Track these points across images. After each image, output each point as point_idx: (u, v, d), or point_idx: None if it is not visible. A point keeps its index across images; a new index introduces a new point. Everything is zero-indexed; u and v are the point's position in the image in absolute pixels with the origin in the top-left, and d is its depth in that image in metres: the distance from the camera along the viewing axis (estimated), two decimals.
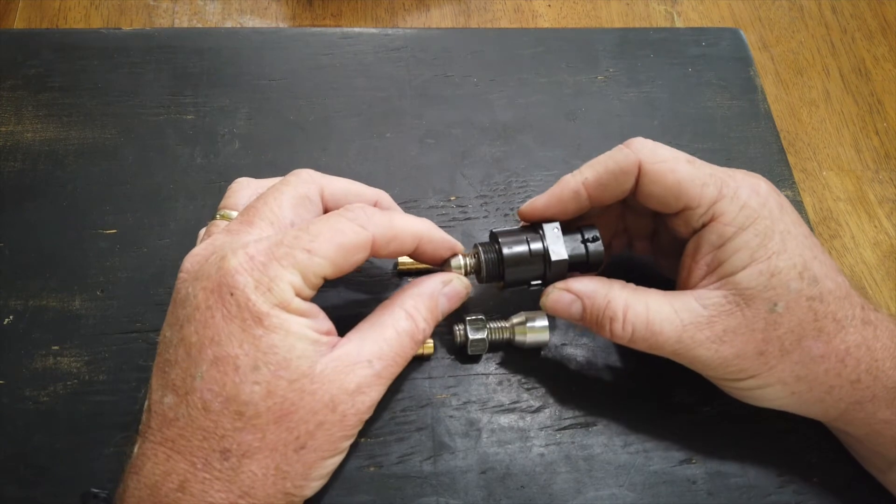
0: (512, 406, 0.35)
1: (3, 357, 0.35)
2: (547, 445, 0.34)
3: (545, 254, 0.32)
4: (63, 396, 0.34)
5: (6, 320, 0.36)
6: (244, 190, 0.34)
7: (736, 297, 0.29)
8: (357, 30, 0.48)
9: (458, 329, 0.35)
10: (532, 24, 1.43)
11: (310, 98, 0.44)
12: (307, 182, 0.30)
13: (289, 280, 0.25)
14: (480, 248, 0.32)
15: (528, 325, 0.35)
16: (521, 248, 0.32)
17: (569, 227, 0.33)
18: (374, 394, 0.27)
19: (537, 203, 0.33)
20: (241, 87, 0.44)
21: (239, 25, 1.37)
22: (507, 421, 0.34)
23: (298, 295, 0.26)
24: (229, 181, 0.41)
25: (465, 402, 0.35)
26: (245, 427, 0.24)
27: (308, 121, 0.43)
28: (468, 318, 0.34)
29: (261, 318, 0.25)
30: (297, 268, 0.25)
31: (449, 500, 0.32)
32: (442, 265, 0.33)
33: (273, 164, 0.41)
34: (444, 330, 0.36)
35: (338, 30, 0.48)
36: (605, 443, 0.34)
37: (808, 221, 0.36)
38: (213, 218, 0.33)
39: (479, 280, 0.33)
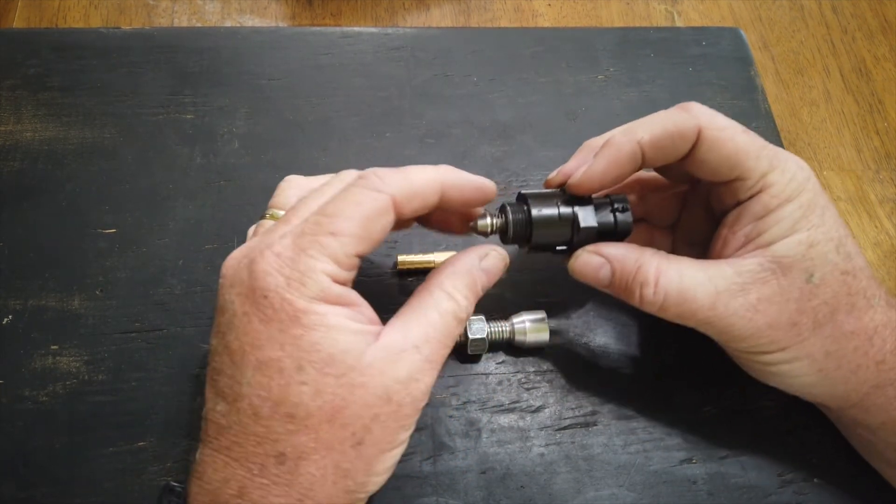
0: (512, 406, 0.35)
1: (2, 357, 0.35)
2: (547, 445, 0.34)
3: (574, 219, 0.31)
4: (62, 396, 0.34)
5: (5, 320, 0.36)
6: (292, 189, 0.32)
7: (772, 265, 0.28)
8: (357, 29, 0.48)
9: None
10: (532, 23, 1.42)
11: (309, 98, 0.44)
12: (378, 194, 0.26)
13: (321, 269, 0.24)
14: (509, 208, 0.31)
15: (529, 325, 0.35)
16: (550, 211, 0.31)
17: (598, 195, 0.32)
18: (428, 379, 0.26)
19: (593, 172, 0.30)
20: (241, 86, 0.44)
21: (238, 25, 1.37)
22: (506, 421, 0.34)
23: (337, 281, 0.25)
24: (229, 181, 0.41)
25: (464, 402, 0.35)
26: (298, 429, 0.24)
27: (308, 120, 0.43)
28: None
29: (298, 316, 0.24)
30: (327, 254, 0.25)
31: (449, 500, 0.32)
32: (470, 226, 0.31)
33: (273, 164, 0.41)
34: None
35: (337, 29, 0.48)
36: (605, 443, 0.34)
37: None
38: (262, 217, 0.32)
39: (504, 241, 0.31)
